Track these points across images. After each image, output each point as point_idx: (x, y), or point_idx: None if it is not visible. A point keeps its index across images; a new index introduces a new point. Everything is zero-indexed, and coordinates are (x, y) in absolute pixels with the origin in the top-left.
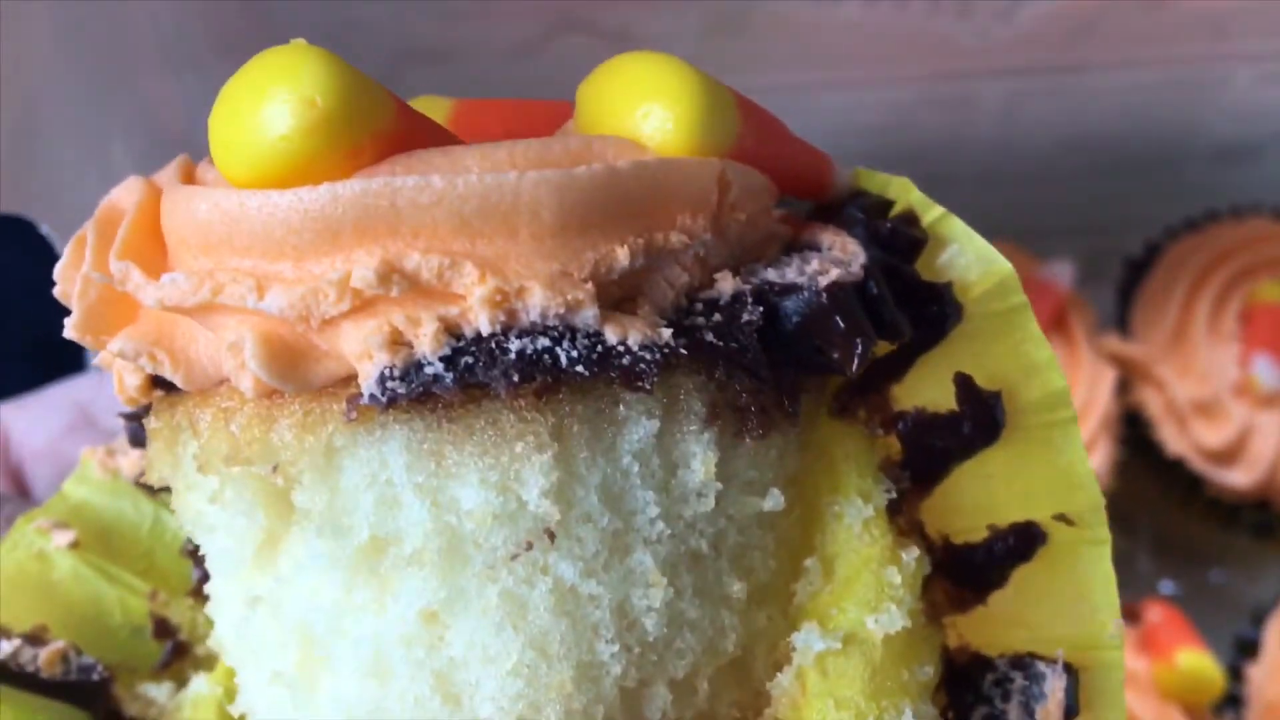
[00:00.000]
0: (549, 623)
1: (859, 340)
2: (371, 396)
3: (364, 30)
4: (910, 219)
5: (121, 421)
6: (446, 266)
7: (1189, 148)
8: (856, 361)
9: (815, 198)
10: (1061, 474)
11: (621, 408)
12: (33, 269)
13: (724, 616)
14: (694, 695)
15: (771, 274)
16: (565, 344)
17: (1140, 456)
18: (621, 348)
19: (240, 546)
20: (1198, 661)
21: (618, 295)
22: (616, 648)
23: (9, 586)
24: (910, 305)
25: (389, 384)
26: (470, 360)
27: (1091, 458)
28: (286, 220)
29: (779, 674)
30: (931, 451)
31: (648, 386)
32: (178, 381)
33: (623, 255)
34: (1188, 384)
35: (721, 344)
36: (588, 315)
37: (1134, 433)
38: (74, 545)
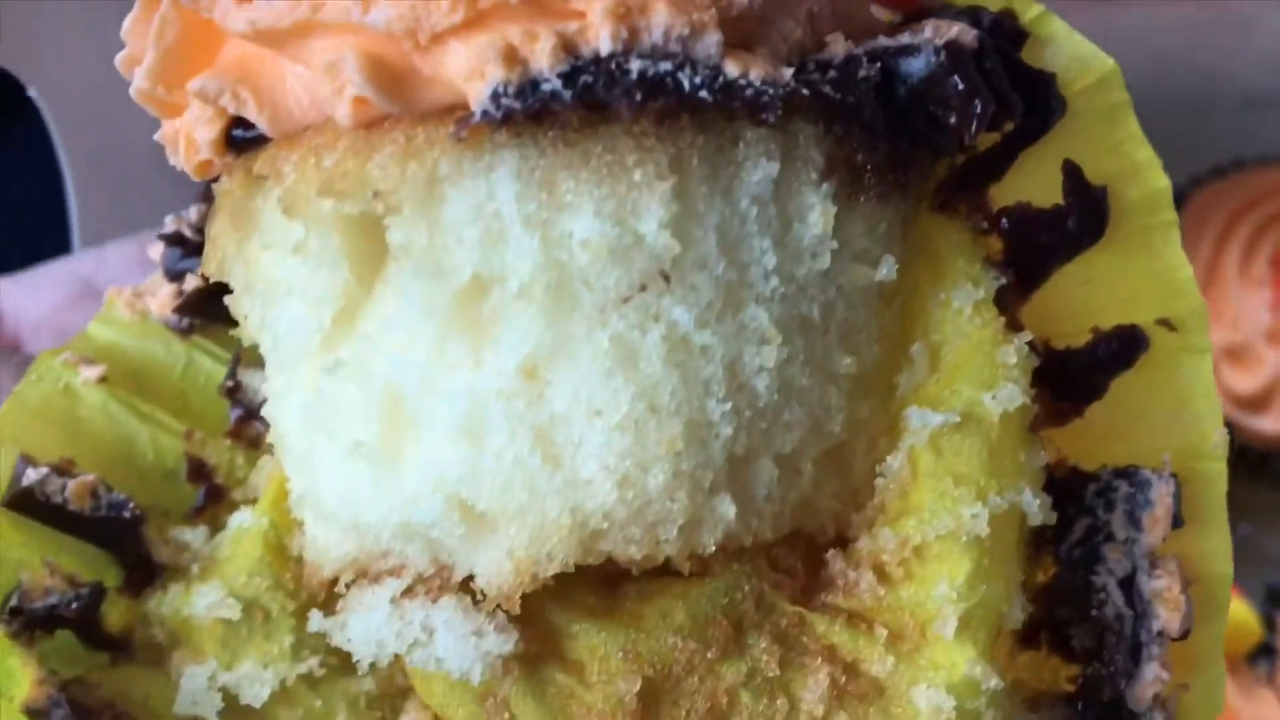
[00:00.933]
0: (661, 373)
1: (977, 102)
2: (484, 113)
3: None
4: (1010, 13)
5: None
6: None
7: (1216, 94)
8: (975, 125)
9: (905, 4)
10: (1162, 278)
11: (742, 146)
12: (15, 135)
13: (831, 394)
14: (799, 477)
15: (884, 40)
16: (687, 71)
17: None
18: (744, 81)
19: (319, 312)
20: (1234, 608)
21: (733, 42)
22: (728, 407)
23: (34, 418)
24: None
25: (503, 100)
26: (590, 79)
27: None
28: None
29: (888, 459)
30: (1035, 247)
31: (772, 119)
32: (262, 124)
33: None
34: (1219, 330)
35: (839, 97)
36: (711, 42)
37: None
38: (102, 380)
